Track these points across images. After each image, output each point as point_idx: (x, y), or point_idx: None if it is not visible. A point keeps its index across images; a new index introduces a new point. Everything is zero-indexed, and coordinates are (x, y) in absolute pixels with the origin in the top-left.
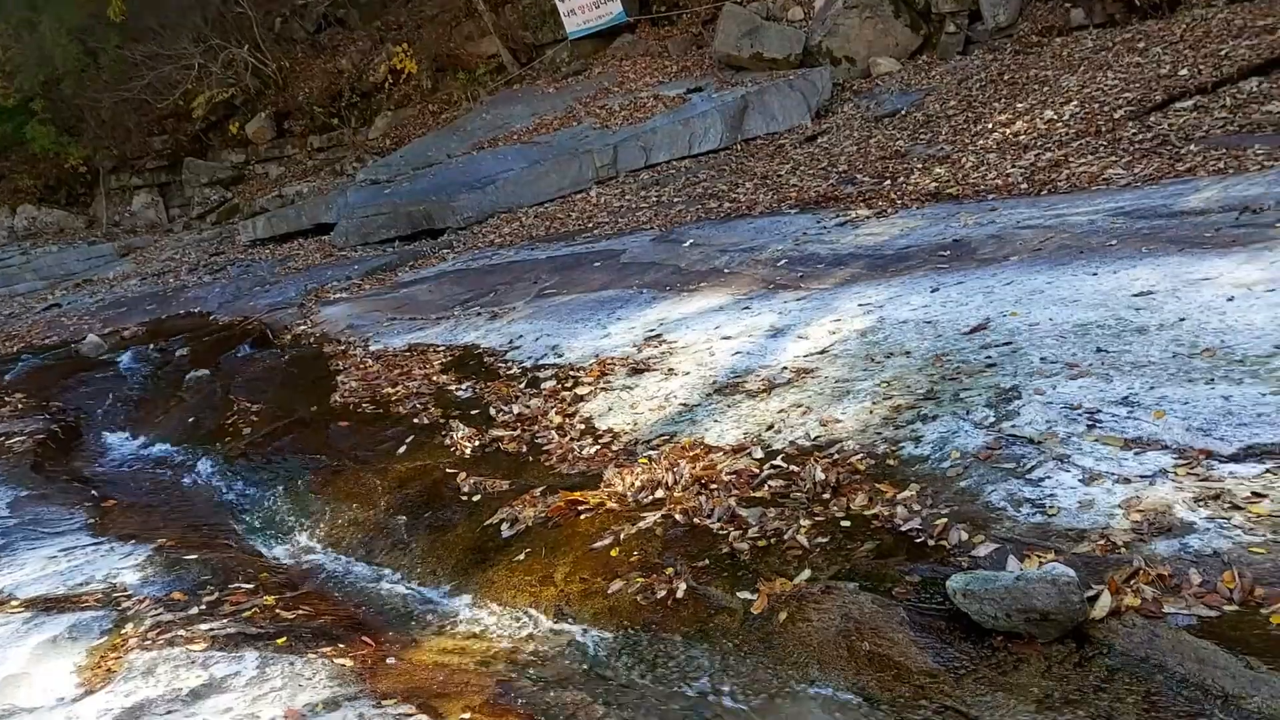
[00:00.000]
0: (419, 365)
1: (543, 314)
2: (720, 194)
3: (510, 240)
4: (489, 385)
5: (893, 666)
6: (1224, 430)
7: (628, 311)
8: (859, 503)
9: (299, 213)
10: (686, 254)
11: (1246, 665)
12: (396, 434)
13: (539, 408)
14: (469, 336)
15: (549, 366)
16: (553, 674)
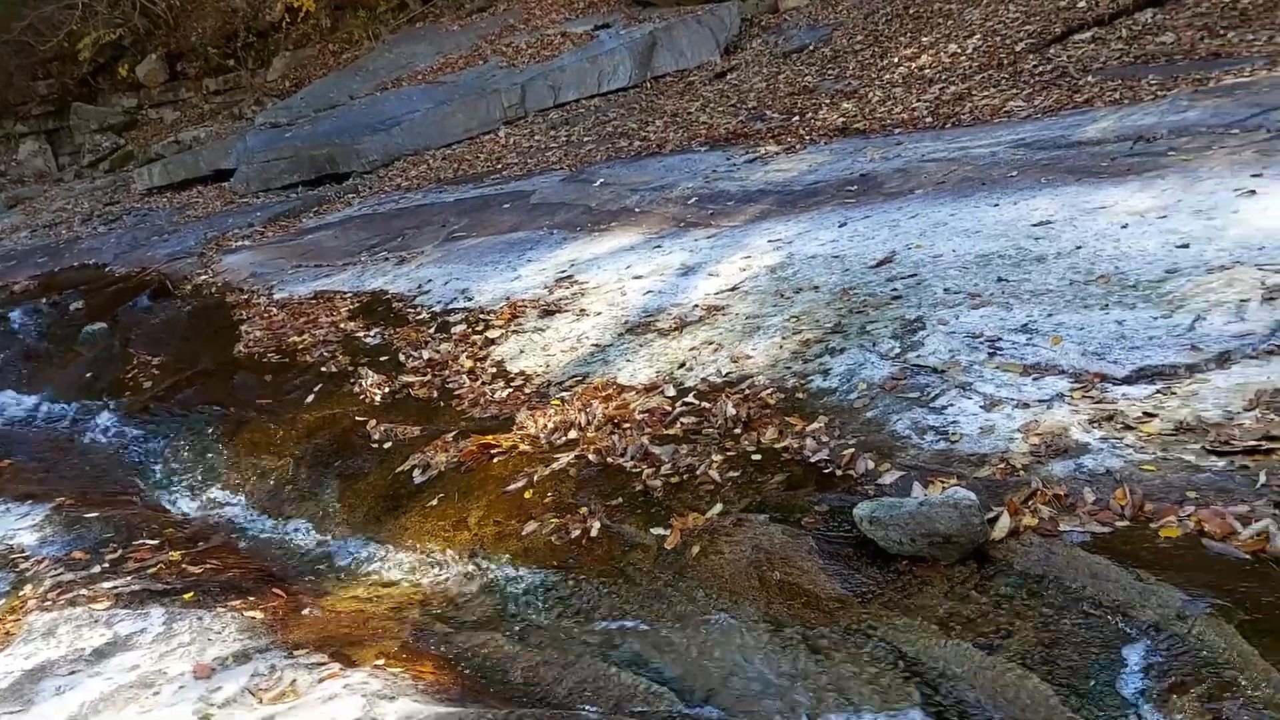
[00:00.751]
0: (325, 313)
1: (452, 257)
2: (630, 132)
3: (417, 183)
4: (398, 331)
5: (802, 594)
6: (1117, 354)
7: (538, 253)
8: (769, 436)
9: (197, 159)
10: (597, 194)
11: (1137, 577)
12: (304, 383)
13: (449, 352)
14: (377, 282)
15: (459, 310)
16: (467, 617)
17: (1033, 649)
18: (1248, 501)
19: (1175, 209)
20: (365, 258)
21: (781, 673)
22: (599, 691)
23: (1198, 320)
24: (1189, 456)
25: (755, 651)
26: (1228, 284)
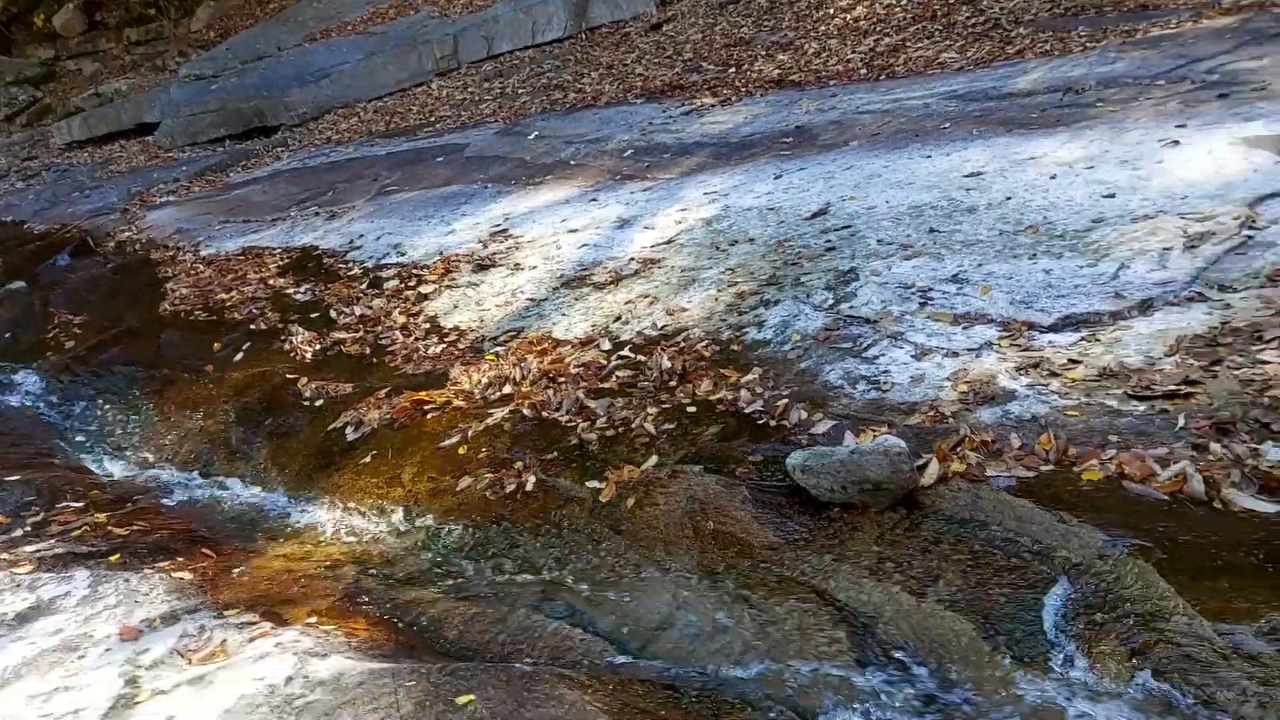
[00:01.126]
0: (254, 269)
1: (384, 212)
2: (565, 85)
3: (348, 137)
4: (329, 287)
5: (736, 543)
6: (1044, 302)
7: (472, 207)
8: (704, 388)
9: (119, 112)
10: (532, 147)
11: (1060, 520)
12: (232, 341)
13: (382, 308)
14: (307, 238)
15: (391, 266)
16: (402, 573)
17: (960, 591)
18: (1167, 444)
19: (1102, 160)
20: (295, 213)
21: (715, 621)
22: (535, 644)
23: (1122, 269)
24: (1111, 401)
25: (690, 601)
26: (1151, 233)
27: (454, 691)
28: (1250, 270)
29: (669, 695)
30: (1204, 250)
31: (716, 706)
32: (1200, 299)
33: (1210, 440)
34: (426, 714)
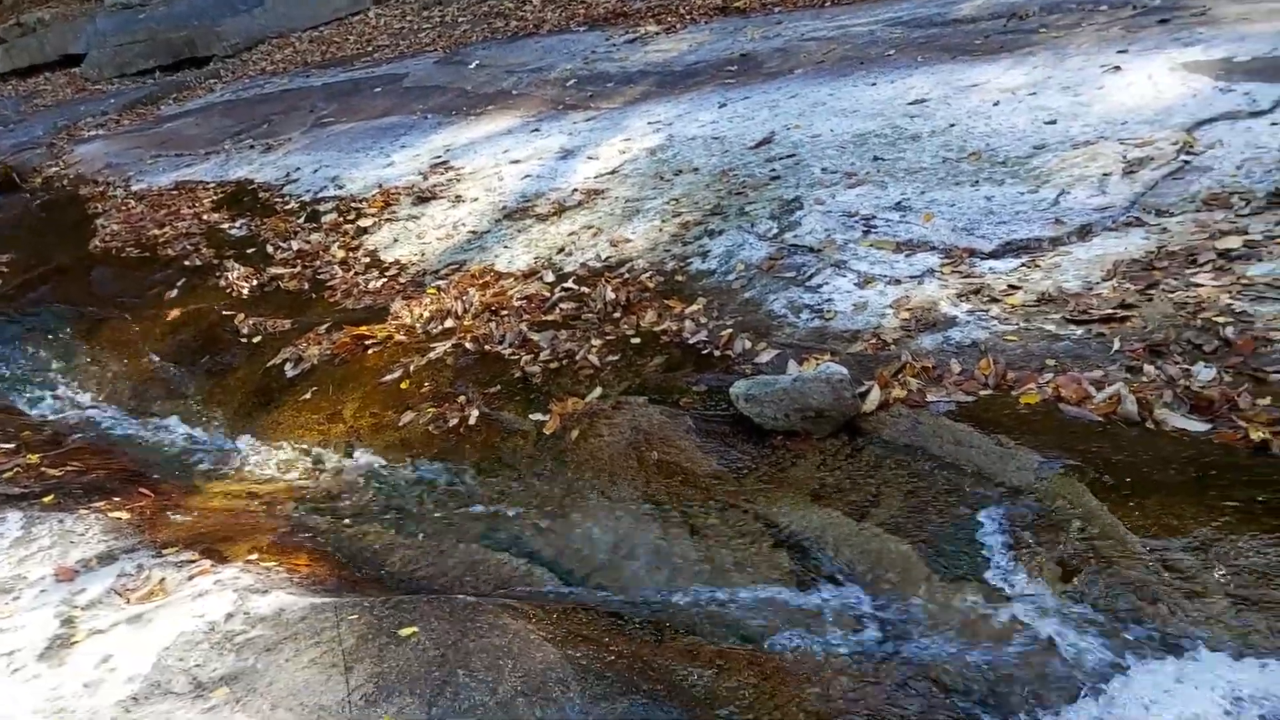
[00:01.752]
0: (187, 204)
1: (321, 144)
2: (507, 12)
3: (283, 67)
4: (265, 222)
5: (680, 472)
6: (985, 229)
7: (412, 138)
8: (649, 319)
9: (42, 43)
10: (472, 76)
11: (998, 443)
12: (166, 277)
13: (320, 242)
14: (242, 171)
15: (329, 199)
16: (344, 509)
17: (900, 514)
18: (1102, 367)
19: (1044, 86)
20: (229, 146)
21: (660, 550)
22: (479, 576)
23: (1062, 195)
24: (1050, 326)
25: (634, 530)
26: (1091, 159)
27: (397, 624)
28: (1187, 195)
29: (613, 622)
30: (1142, 176)
31: (661, 632)
32: (1138, 224)
33: (1144, 362)
34: (369, 646)
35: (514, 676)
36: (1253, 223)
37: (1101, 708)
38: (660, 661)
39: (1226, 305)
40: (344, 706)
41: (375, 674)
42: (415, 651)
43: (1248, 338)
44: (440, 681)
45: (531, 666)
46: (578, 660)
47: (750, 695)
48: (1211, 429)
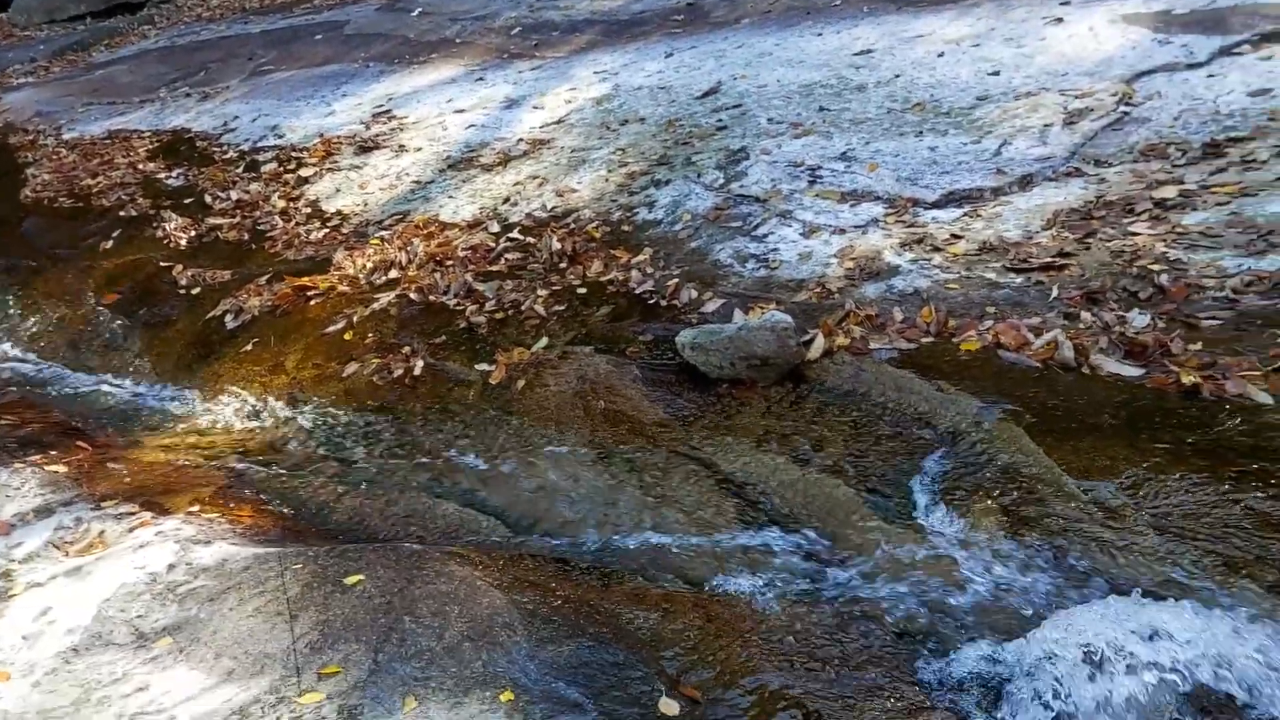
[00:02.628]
0: (122, 153)
1: (260, 93)
2: None
3: (220, 13)
4: (203, 171)
5: (626, 421)
6: (929, 179)
7: (354, 87)
8: (595, 269)
9: None
10: (415, 24)
11: (938, 389)
12: (101, 228)
13: (260, 192)
14: (178, 120)
15: (269, 149)
16: (287, 460)
17: (842, 459)
18: (1040, 314)
19: (988, 37)
20: (165, 94)
21: (606, 498)
22: (426, 525)
23: (1004, 145)
24: (990, 274)
25: (580, 479)
26: (1033, 110)
27: (342, 572)
28: (1125, 146)
29: (559, 568)
30: (1082, 126)
31: (606, 577)
32: (1077, 174)
33: (1081, 309)
34: (314, 595)
35: (460, 622)
36: (1188, 173)
37: (1034, 643)
38: (606, 605)
39: (1161, 253)
40: (289, 654)
41: (320, 622)
42: (361, 599)
43: (1181, 285)
44: (386, 628)
45: (478, 612)
46: (524, 605)
47: (695, 636)
48: (1145, 374)
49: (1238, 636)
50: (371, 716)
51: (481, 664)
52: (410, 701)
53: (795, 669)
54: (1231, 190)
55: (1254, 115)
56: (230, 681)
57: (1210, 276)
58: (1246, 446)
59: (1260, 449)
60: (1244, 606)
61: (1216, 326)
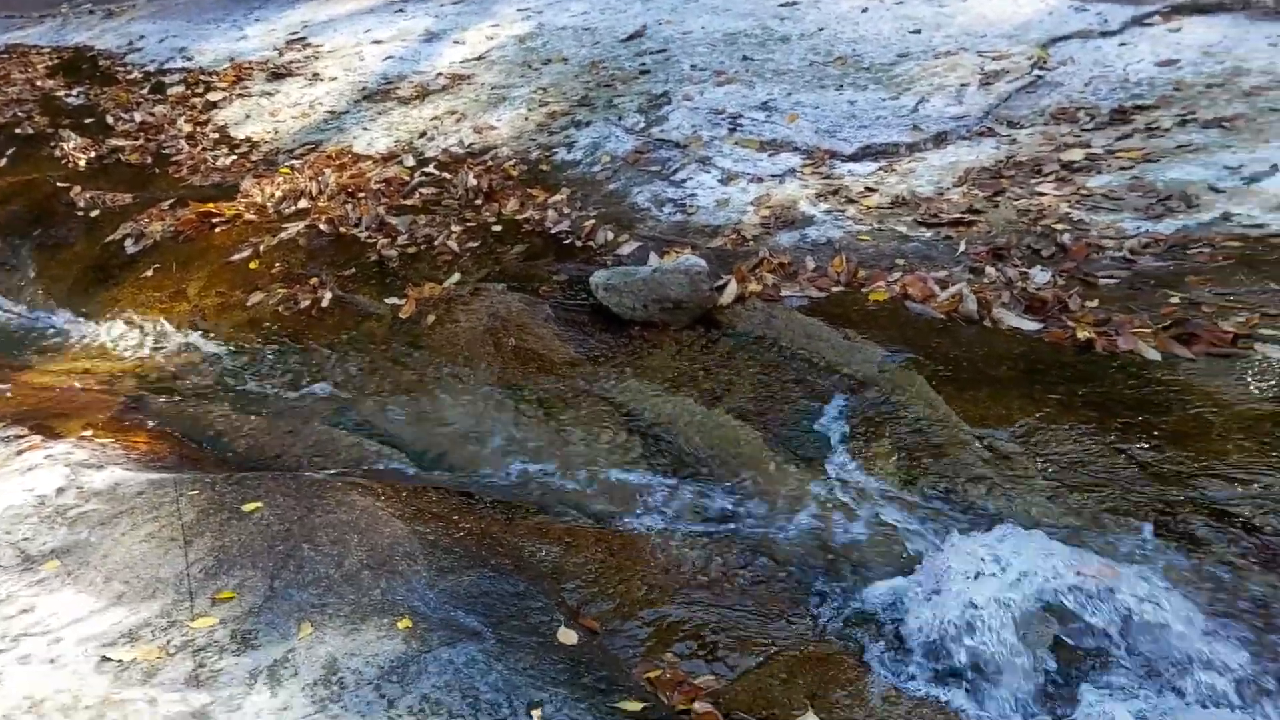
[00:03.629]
0: (19, 69)
1: (168, 12)
2: None
3: None
4: (105, 91)
5: (537, 359)
6: (847, 132)
7: (267, 12)
8: (511, 208)
9: None
10: None
11: (846, 337)
12: None
13: (166, 115)
14: (80, 37)
15: (177, 71)
16: (187, 388)
17: (750, 403)
18: (947, 268)
19: None
20: (67, 9)
21: (514, 433)
22: (330, 456)
23: (921, 102)
24: (902, 228)
25: (489, 414)
26: (951, 69)
27: (240, 500)
28: (1037, 108)
29: (464, 501)
30: (997, 88)
31: (511, 511)
32: (990, 134)
33: (986, 264)
34: (210, 521)
35: (360, 550)
36: (1095, 137)
37: (924, 579)
38: (510, 538)
39: (1065, 213)
40: (182, 579)
41: (216, 548)
42: (259, 526)
43: (1082, 244)
44: (284, 555)
45: (378, 541)
46: (425, 536)
47: (596, 569)
48: (1043, 328)
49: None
50: (265, 641)
51: (380, 592)
52: (306, 627)
53: (694, 602)
54: (1135, 156)
55: (1160, 85)
56: (120, 605)
57: (1110, 237)
58: (1133, 400)
59: (1146, 402)
60: (1122, 546)
61: (1113, 285)
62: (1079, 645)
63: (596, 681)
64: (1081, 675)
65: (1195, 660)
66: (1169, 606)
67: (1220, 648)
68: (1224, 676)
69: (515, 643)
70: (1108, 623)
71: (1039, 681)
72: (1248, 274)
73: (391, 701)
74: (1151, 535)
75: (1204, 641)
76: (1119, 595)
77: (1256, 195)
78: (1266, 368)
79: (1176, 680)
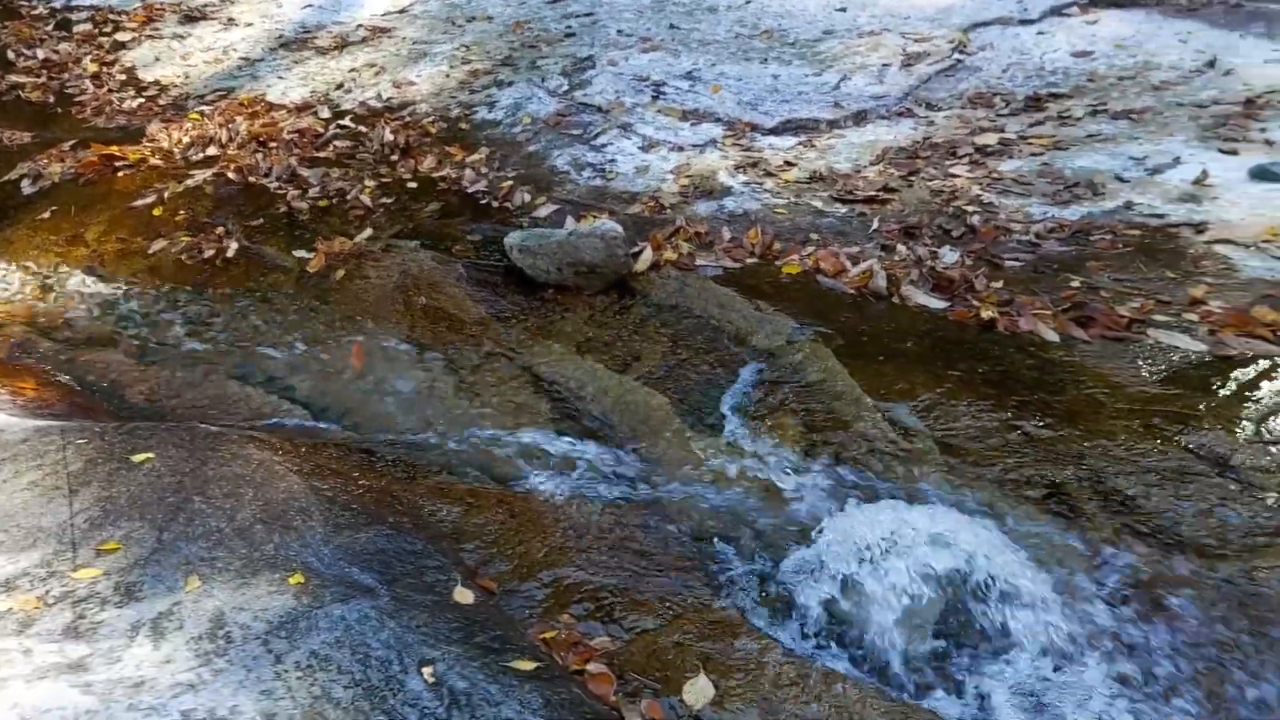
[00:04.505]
0: None
1: None
2: None
3: None
4: (7, 26)
5: (447, 318)
6: (769, 106)
7: None
8: (427, 165)
9: None
10: None
11: (757, 308)
12: None
13: (70, 53)
14: None
15: (84, 8)
16: (81, 335)
17: (659, 370)
18: (860, 244)
19: None
20: None
21: (420, 392)
22: (229, 410)
23: (844, 80)
24: (818, 203)
25: (395, 372)
26: (874, 49)
27: (130, 449)
28: (955, 92)
29: (365, 459)
30: (918, 69)
31: (413, 470)
32: (909, 114)
33: (898, 242)
34: (98, 471)
35: (254, 505)
36: (1010, 123)
37: (822, 547)
38: (410, 497)
39: (976, 196)
40: (65, 529)
41: (103, 498)
42: (149, 477)
43: (990, 226)
44: (174, 507)
45: (273, 496)
46: (323, 492)
47: (497, 530)
48: (949, 306)
49: (1004, 540)
50: (150, 594)
51: (273, 546)
52: (194, 580)
53: (593, 566)
54: (1046, 143)
55: (1075, 75)
56: None
57: (1018, 221)
58: (1031, 379)
59: (1043, 382)
60: (1011, 518)
61: (1018, 267)
62: (960, 616)
63: (490, 641)
64: (960, 645)
65: (1066, 629)
66: (1047, 578)
67: (1093, 616)
68: (1095, 646)
69: (410, 601)
70: (989, 594)
71: (921, 649)
72: (1145, 262)
73: (279, 657)
74: (1040, 508)
75: (1078, 610)
76: (1000, 567)
77: (1158, 186)
78: (1157, 352)
79: (1048, 649)
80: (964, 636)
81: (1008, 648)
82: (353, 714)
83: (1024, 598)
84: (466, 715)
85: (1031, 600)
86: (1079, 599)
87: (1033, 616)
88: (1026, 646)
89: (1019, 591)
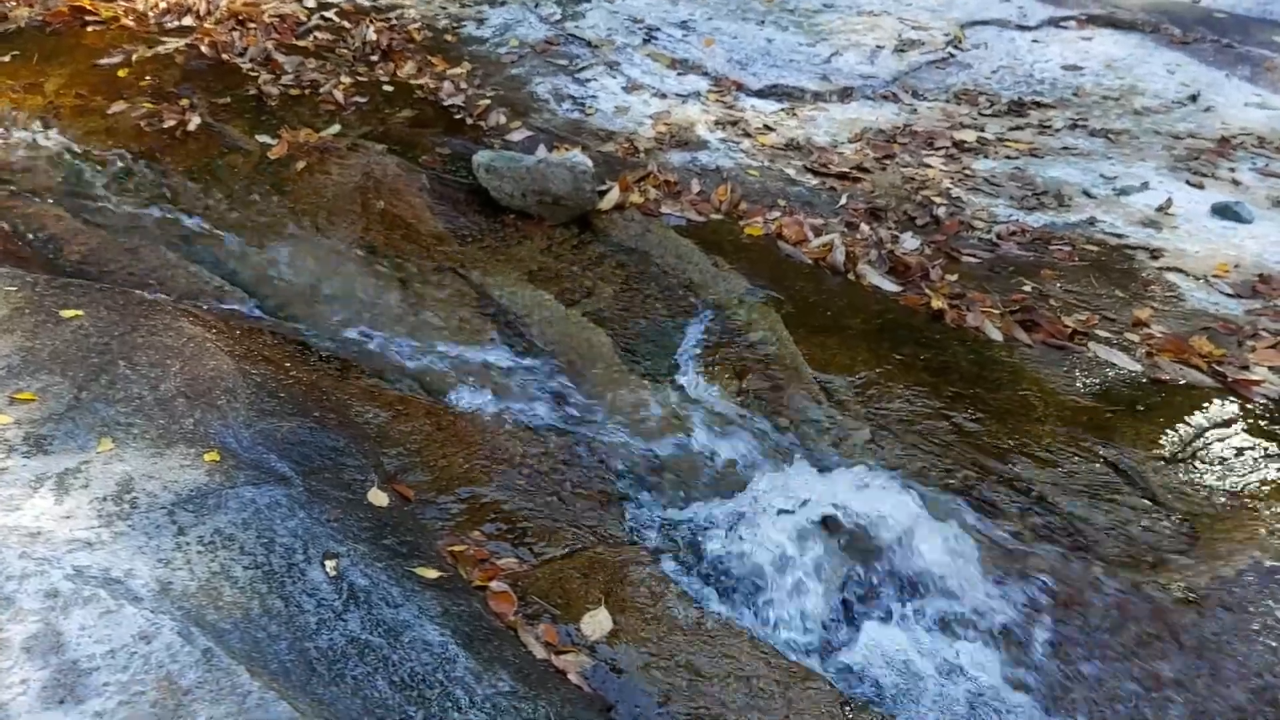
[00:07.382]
0: None
1: None
2: None
3: None
4: None
5: (403, 226)
6: (758, 68)
7: None
8: (407, 71)
9: None
10: None
11: (714, 264)
12: None
13: None
14: None
15: None
16: (25, 185)
17: (608, 309)
18: (825, 217)
19: None
20: None
21: (364, 295)
22: (166, 282)
23: (836, 55)
24: (790, 171)
25: (342, 272)
26: (871, 29)
27: (60, 304)
28: (943, 85)
29: (298, 350)
30: (910, 56)
31: (345, 369)
32: (894, 99)
33: (862, 221)
34: (23, 321)
35: (180, 377)
36: (990, 123)
37: (741, 502)
38: (339, 396)
39: (946, 189)
40: None
41: (24, 348)
42: (76, 335)
43: (955, 220)
44: (97, 368)
45: (201, 372)
46: (252, 376)
47: (421, 440)
48: (902, 291)
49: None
50: (60, 449)
51: (193, 421)
52: (106, 443)
53: (512, 489)
54: (1022, 148)
55: (1061, 87)
56: None
57: (982, 219)
58: (970, 373)
59: (980, 378)
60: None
61: (974, 264)
62: (865, 582)
63: (399, 545)
64: (864, 610)
65: (967, 606)
66: (955, 559)
67: (992, 600)
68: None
69: (323, 495)
70: (896, 567)
71: (824, 610)
72: (1098, 277)
73: (182, 529)
74: (957, 496)
75: (979, 591)
76: (911, 543)
77: (1123, 207)
78: (1094, 366)
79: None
80: (863, 602)
81: (902, 616)
82: (249, 594)
83: (924, 574)
84: (363, 611)
85: (933, 578)
86: (973, 586)
87: (933, 593)
88: (917, 617)
89: (919, 568)
